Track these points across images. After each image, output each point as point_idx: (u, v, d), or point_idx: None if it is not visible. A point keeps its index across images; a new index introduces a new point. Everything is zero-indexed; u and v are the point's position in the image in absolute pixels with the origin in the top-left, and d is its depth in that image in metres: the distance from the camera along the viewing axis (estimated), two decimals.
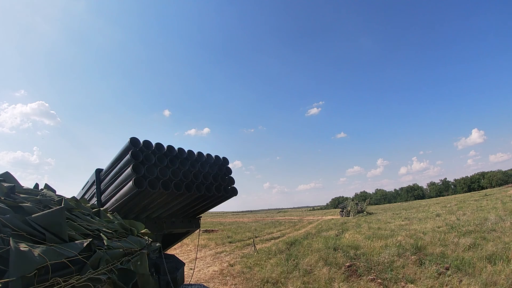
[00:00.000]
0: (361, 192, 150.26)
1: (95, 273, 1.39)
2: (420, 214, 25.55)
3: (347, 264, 8.68)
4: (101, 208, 2.84)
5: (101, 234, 1.91)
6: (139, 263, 2.11)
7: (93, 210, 2.65)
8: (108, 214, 2.83)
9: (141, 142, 4.62)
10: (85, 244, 1.48)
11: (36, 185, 2.57)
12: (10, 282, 0.97)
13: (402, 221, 21.14)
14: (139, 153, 4.45)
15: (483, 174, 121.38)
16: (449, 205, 34.44)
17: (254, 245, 13.49)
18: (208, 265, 10.91)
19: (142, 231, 2.87)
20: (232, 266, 10.30)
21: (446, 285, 6.47)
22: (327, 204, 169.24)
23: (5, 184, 1.83)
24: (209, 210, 6.99)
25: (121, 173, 4.66)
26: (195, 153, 5.20)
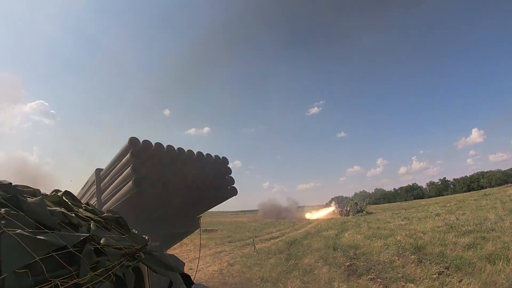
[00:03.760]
0: (360, 191, 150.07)
1: (95, 273, 1.38)
2: (420, 214, 25.53)
3: (347, 263, 8.68)
4: (101, 209, 2.82)
5: (91, 223, 1.86)
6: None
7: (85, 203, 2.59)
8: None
9: (141, 142, 4.62)
10: (81, 238, 1.46)
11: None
12: (5, 279, 0.96)
13: (402, 220, 21.14)
14: (139, 153, 4.45)
15: (482, 174, 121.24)
16: (448, 204, 34.40)
17: (254, 245, 13.49)
18: (208, 264, 10.90)
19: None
20: (232, 265, 10.30)
21: (446, 285, 6.47)
22: (326, 203, 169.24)
23: None
24: (209, 210, 6.99)
25: (121, 173, 4.66)
26: (195, 153, 5.19)
